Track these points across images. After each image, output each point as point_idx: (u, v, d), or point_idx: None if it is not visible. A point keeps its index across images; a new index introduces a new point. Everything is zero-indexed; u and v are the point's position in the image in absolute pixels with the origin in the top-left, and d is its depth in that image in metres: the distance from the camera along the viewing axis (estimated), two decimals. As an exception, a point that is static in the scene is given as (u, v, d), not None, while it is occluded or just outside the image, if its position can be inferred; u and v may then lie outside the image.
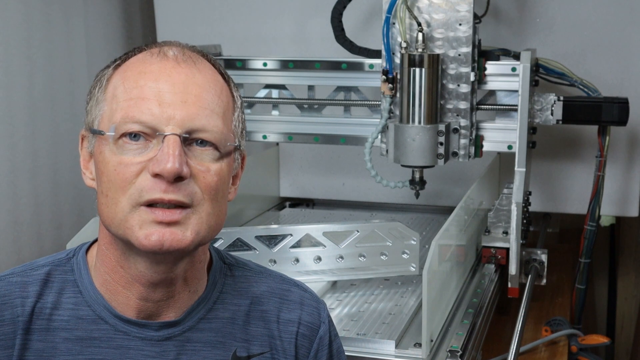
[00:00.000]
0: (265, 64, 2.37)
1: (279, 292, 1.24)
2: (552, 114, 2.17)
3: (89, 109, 1.13)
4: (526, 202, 2.17)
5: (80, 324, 1.13)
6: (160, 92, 1.07)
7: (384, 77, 2.08)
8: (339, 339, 1.30)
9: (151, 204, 1.05)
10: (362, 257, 1.91)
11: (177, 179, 1.04)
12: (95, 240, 1.19)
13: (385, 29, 2.07)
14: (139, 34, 2.99)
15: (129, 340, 1.13)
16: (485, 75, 2.14)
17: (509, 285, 2.04)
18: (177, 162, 1.03)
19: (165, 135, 1.05)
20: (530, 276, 2.14)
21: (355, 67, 2.30)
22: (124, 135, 1.06)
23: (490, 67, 2.14)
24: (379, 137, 2.15)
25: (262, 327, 1.21)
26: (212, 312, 1.18)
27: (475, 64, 2.10)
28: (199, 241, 1.09)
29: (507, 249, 2.06)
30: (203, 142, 1.08)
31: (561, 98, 2.17)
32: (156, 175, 1.04)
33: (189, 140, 1.07)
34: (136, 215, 1.05)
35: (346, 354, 1.36)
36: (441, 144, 2.05)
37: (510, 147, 2.16)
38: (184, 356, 1.15)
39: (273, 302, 1.23)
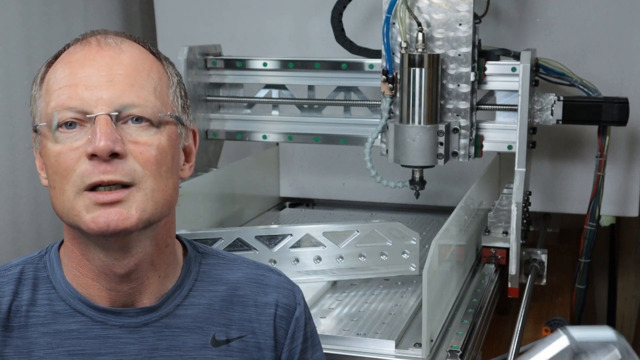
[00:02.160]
0: (265, 64, 2.37)
1: (255, 278, 1.27)
2: (552, 114, 2.17)
3: (30, 110, 1.16)
4: (526, 202, 2.17)
5: (58, 319, 1.14)
6: (87, 76, 1.09)
7: (384, 77, 2.08)
8: (312, 321, 1.33)
9: (94, 188, 1.06)
10: (362, 257, 1.91)
11: (114, 156, 1.06)
12: None
13: (385, 29, 2.07)
14: (139, 34, 2.99)
15: (107, 329, 1.14)
16: (485, 75, 2.14)
17: (509, 285, 2.04)
18: (109, 140, 1.05)
19: (96, 116, 1.07)
20: (530, 276, 2.13)
21: (355, 67, 2.30)
22: (59, 126, 1.08)
23: (490, 67, 2.14)
24: (379, 137, 2.15)
25: (240, 312, 1.23)
26: (188, 299, 1.20)
27: (475, 64, 2.10)
28: (147, 219, 1.09)
29: (507, 249, 2.06)
30: (139, 119, 1.10)
31: (561, 98, 2.17)
32: (92, 157, 1.06)
33: (122, 118, 1.09)
34: (80, 200, 1.07)
35: (346, 354, 1.37)
36: (441, 144, 2.05)
37: (510, 147, 2.16)
38: (163, 342, 1.16)
39: (249, 287, 1.25)
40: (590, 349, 0.98)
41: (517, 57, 2.15)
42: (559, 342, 0.99)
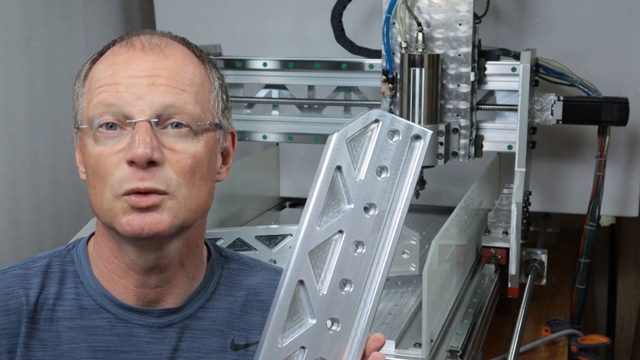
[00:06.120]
0: (265, 64, 2.37)
1: (275, 283, 1.25)
2: (552, 114, 2.17)
3: (73, 105, 1.16)
4: (526, 202, 2.17)
5: (83, 314, 1.15)
6: (129, 77, 1.09)
7: (384, 77, 2.08)
8: None
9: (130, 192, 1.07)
10: (362, 257, 1.90)
11: (151, 164, 1.06)
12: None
13: (385, 29, 2.07)
14: (139, 34, 2.99)
15: (130, 328, 1.15)
16: (485, 75, 2.14)
17: (509, 285, 2.04)
18: (148, 148, 1.05)
19: (137, 122, 1.07)
20: (530, 276, 2.14)
21: (355, 67, 2.30)
22: (100, 126, 1.09)
23: (490, 67, 2.14)
24: (379, 137, 2.14)
25: (261, 317, 1.22)
26: (210, 302, 1.20)
27: (475, 64, 2.10)
28: (179, 224, 1.10)
29: (507, 249, 2.06)
30: (179, 125, 1.10)
31: (561, 98, 2.17)
32: (131, 163, 1.06)
33: (162, 124, 1.09)
34: (119, 203, 1.08)
35: (346, 354, 1.36)
36: (441, 144, 2.05)
37: (510, 147, 2.16)
38: (184, 343, 1.17)
39: (269, 292, 1.24)
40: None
41: (517, 57, 2.15)
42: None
